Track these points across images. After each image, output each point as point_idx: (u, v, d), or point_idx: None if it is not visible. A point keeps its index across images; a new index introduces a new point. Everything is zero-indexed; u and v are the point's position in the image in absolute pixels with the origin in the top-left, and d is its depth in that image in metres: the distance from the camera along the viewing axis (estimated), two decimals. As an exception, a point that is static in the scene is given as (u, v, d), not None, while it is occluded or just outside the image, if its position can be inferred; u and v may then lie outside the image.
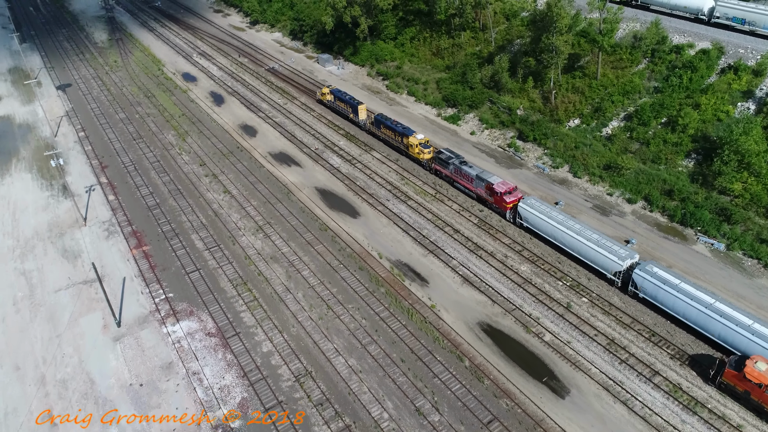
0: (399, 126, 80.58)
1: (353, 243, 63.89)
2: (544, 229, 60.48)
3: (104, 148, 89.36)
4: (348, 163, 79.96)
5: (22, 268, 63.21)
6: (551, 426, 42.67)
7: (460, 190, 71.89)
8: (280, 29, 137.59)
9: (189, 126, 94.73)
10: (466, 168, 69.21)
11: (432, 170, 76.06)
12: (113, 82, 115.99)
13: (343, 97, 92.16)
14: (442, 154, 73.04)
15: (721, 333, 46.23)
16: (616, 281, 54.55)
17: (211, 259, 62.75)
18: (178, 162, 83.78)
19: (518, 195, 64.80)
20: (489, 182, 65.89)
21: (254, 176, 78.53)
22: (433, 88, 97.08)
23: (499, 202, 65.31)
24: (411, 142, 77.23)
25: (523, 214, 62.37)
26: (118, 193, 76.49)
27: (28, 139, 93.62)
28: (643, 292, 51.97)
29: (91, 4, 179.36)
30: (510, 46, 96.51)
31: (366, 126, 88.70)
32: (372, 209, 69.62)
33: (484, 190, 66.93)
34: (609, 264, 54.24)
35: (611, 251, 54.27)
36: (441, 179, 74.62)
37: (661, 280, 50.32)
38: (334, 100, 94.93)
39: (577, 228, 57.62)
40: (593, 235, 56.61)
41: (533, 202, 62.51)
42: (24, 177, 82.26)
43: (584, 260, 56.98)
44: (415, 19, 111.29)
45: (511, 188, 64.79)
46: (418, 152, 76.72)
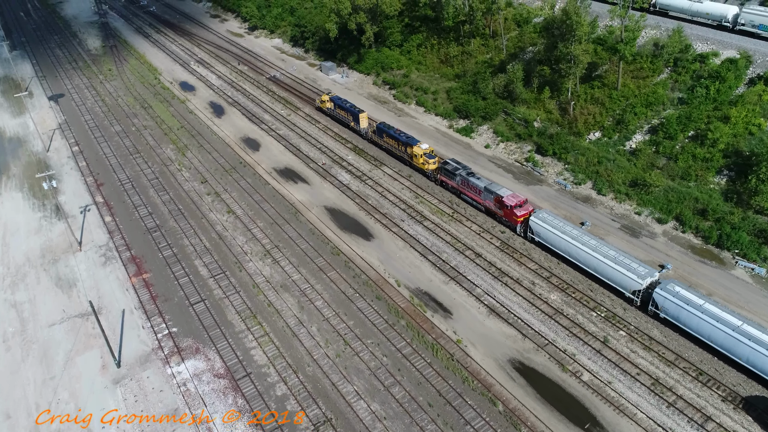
0: (402, 135, 77.36)
1: (368, 269, 59.89)
2: (558, 245, 57.40)
3: (99, 163, 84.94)
4: (358, 180, 75.94)
5: (13, 300, 58.82)
6: (598, 481, 38.90)
7: (467, 202, 68.94)
8: (280, 35, 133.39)
9: (188, 139, 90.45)
10: (474, 179, 66.38)
11: (437, 181, 72.94)
12: (108, 91, 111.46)
13: (343, 105, 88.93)
14: (449, 165, 69.92)
15: (750, 357, 43.55)
16: (635, 300, 51.65)
17: (216, 288, 58.56)
18: (178, 179, 79.49)
19: (529, 208, 61.98)
20: (498, 195, 62.94)
21: (259, 194, 74.38)
22: (443, 98, 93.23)
23: (509, 216, 62.35)
24: (415, 152, 74.02)
25: (535, 228, 59.35)
26: (115, 214, 72.16)
27: (18, 155, 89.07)
28: (664, 312, 49.35)
29: (83, 8, 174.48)
30: (522, 53, 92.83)
31: (368, 135, 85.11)
32: (386, 231, 65.65)
33: (493, 203, 64.07)
34: (627, 282, 51.52)
35: (630, 269, 51.51)
36: (447, 191, 71.50)
37: (684, 300, 47.85)
38: (333, 108, 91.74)
39: (593, 244, 54.81)
40: (610, 251, 53.83)
41: (545, 215, 59.48)
42: (14, 196, 77.76)
43: (601, 278, 54.09)
44: (422, 26, 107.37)
45: (521, 201, 61.89)
46: (422, 162, 73.57)
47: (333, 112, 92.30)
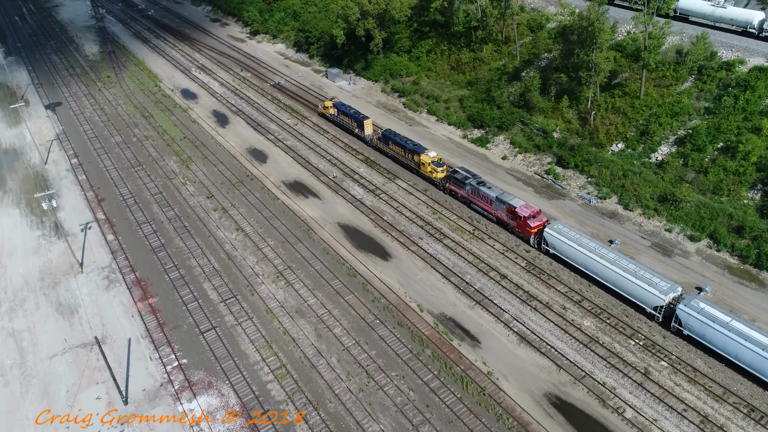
0: (409, 143, 74.98)
1: (388, 292, 56.68)
2: (574, 258, 55.43)
3: (100, 177, 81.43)
4: (371, 194, 72.71)
5: (11, 328, 55.34)
6: None
7: (477, 212, 66.95)
8: (283, 40, 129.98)
9: (192, 151, 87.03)
10: (485, 189, 64.43)
11: (445, 190, 70.95)
12: (107, 100, 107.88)
13: (347, 111, 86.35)
14: (458, 174, 67.78)
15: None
16: (656, 316, 49.71)
17: (227, 314, 55.24)
18: (183, 193, 76.07)
19: (543, 219, 60.14)
20: (511, 205, 60.92)
21: (269, 210, 71.06)
22: (456, 106, 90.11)
23: (522, 227, 60.42)
24: (423, 160, 71.73)
25: (550, 240, 57.48)
26: (117, 232, 68.71)
27: (15, 167, 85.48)
28: (688, 329, 47.40)
29: (79, 13, 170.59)
30: (537, 60, 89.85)
31: (373, 142, 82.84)
32: (404, 250, 62.45)
33: (505, 213, 62.15)
34: (649, 297, 49.53)
35: (651, 283, 49.55)
36: (456, 200, 69.52)
37: (709, 318, 45.79)
38: (337, 114, 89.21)
39: (611, 257, 52.77)
40: (629, 264, 51.80)
41: (561, 227, 57.56)
42: (11, 213, 74.21)
43: (620, 292, 52.07)
44: (431, 31, 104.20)
45: (535, 212, 60.07)
46: (430, 171, 71.39)
47: (336, 119, 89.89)
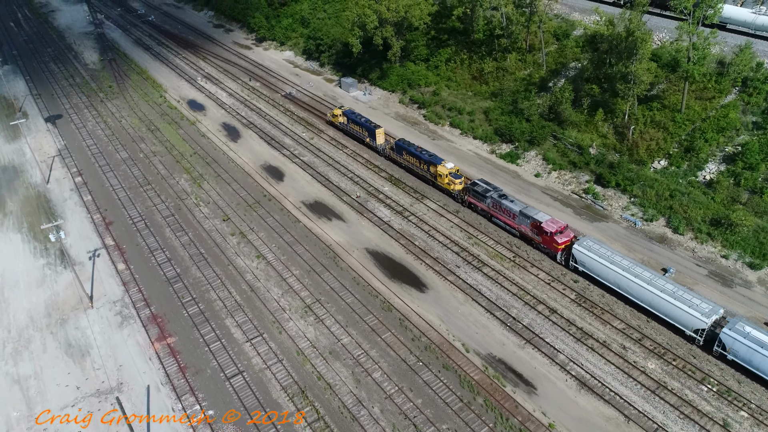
0: (425, 153, 72.23)
1: (428, 329, 52.11)
2: (606, 277, 53.05)
3: (106, 197, 76.48)
4: (399, 216, 68.13)
5: (16, 374, 50.42)
6: None
7: (498, 226, 64.47)
8: (292, 47, 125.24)
9: (203, 168, 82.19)
10: (507, 202, 61.94)
11: (464, 202, 68.55)
12: (110, 112, 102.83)
13: (358, 120, 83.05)
14: (478, 186, 65.33)
15: None
16: (697, 339, 47.40)
17: (254, 356, 50.51)
18: (197, 216, 71.26)
19: (570, 234, 58.01)
20: (536, 220, 58.49)
21: (290, 234, 66.38)
22: (481, 119, 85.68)
23: (548, 243, 58.09)
24: (440, 172, 69.27)
25: (580, 257, 55.09)
26: (128, 260, 63.84)
27: (14, 187, 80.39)
28: (733, 354, 44.95)
29: (77, 18, 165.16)
30: (564, 70, 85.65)
31: (385, 152, 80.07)
32: (441, 279, 57.92)
33: (530, 228, 59.78)
34: (689, 320, 47.21)
35: (691, 305, 47.19)
36: (476, 213, 67.10)
37: (757, 343, 43.40)
38: (347, 123, 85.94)
39: (647, 276, 50.38)
40: (667, 285, 49.36)
41: (591, 243, 55.23)
42: (12, 238, 69.19)
43: (656, 314, 49.72)
44: (450, 39, 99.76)
45: (562, 227, 57.74)
46: (447, 183, 69.02)
47: (346, 127, 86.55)
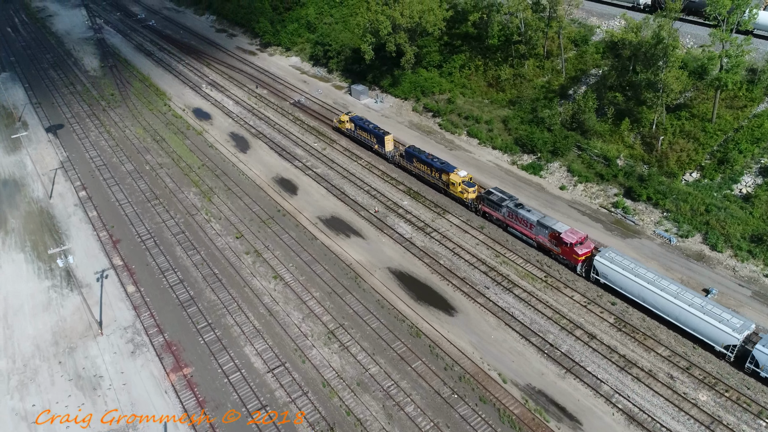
0: (436, 161, 70.82)
1: (460, 357, 49.14)
2: (630, 290, 51.47)
3: (113, 213, 73.26)
4: (421, 232, 65.18)
5: (23, 409, 47.21)
6: None
7: (514, 236, 62.97)
8: (298, 53, 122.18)
9: (213, 180, 79.04)
10: (524, 212, 60.49)
11: (478, 211, 67.17)
12: (113, 121, 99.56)
13: (366, 126, 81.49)
14: (493, 195, 63.93)
15: None
16: (727, 356, 45.94)
17: (278, 389, 47.42)
18: (208, 233, 68.13)
19: (590, 246, 56.51)
20: (555, 230, 57.04)
21: (307, 253, 63.33)
22: (500, 128, 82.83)
23: (567, 254, 56.72)
24: (453, 180, 67.87)
25: (602, 269, 53.57)
26: (138, 282, 60.67)
27: (16, 202, 77.08)
28: (767, 371, 43.62)
29: (76, 23, 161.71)
30: (584, 77, 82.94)
31: (395, 159, 78.69)
32: (470, 302, 54.98)
33: (548, 239, 58.32)
34: (719, 336, 45.68)
35: (721, 320, 45.73)
36: (491, 222, 65.55)
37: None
38: (354, 129, 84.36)
39: (674, 290, 48.89)
40: (695, 298, 47.90)
41: (613, 255, 53.67)
42: (15, 258, 65.92)
43: (684, 329, 48.09)
44: (463, 44, 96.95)
45: (582, 238, 56.15)
46: (461, 191, 67.63)
47: (353, 134, 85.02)
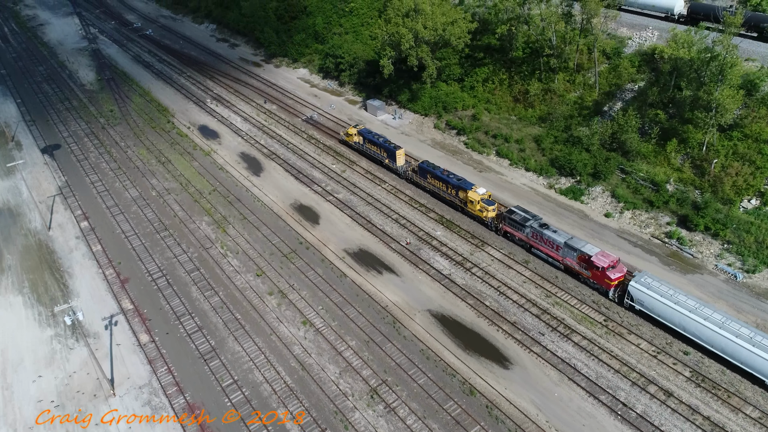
0: (452, 177, 68.15)
1: (524, 420, 43.64)
2: (670, 318, 48.75)
3: (119, 247, 67.15)
4: (460, 268, 59.70)
5: (28, 492, 41.21)
6: None
7: (539, 258, 59.94)
8: (306, 65, 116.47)
9: (226, 208, 73.12)
10: (550, 233, 57.62)
11: (498, 231, 64.35)
12: (113, 140, 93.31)
13: (375, 140, 78.50)
14: (516, 214, 61.22)
15: None
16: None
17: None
18: (226, 269, 62.25)
19: (623, 270, 53.25)
20: (584, 253, 54.29)
21: (337, 293, 57.65)
22: (532, 148, 77.60)
23: (599, 278, 53.72)
24: (471, 198, 65.13)
25: (638, 296, 50.67)
26: (151, 330, 54.69)
27: (11, 235, 70.72)
28: None
29: (68, 33, 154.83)
30: (619, 92, 77.99)
31: (407, 174, 75.64)
32: (525, 352, 49.53)
33: (577, 262, 55.48)
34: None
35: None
36: (513, 243, 62.58)
37: None
38: (363, 143, 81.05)
39: (718, 319, 46.09)
40: (742, 329, 45.10)
41: (650, 281, 50.68)
42: (13, 302, 59.66)
43: (731, 361, 45.33)
44: (486, 57, 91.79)
45: (614, 261, 53.10)
46: (479, 209, 65.02)
47: (362, 148, 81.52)
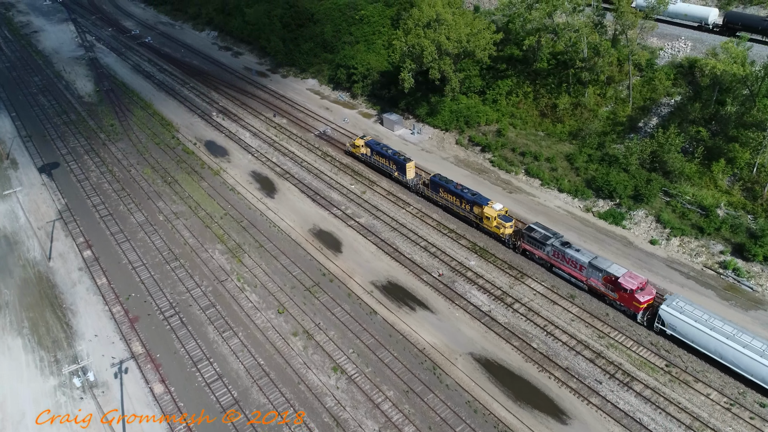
0: (467, 192, 65.57)
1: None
2: (705, 345, 46.28)
3: (126, 280, 61.99)
4: (500, 303, 54.99)
5: None
6: None
7: (561, 278, 57.23)
8: (315, 75, 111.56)
9: (240, 234, 68.11)
10: (572, 251, 55.02)
11: (516, 249, 61.72)
12: (115, 158, 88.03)
13: (383, 152, 75.63)
14: (536, 232, 58.65)
15: None
16: None
17: None
18: (244, 306, 57.26)
19: (653, 292, 51.06)
20: (610, 273, 51.81)
21: (368, 333, 52.77)
22: (565, 167, 73.04)
23: (626, 301, 51.17)
24: (487, 214, 62.55)
25: (669, 320, 48.16)
26: (166, 378, 49.59)
27: (9, 267, 65.40)
28: None
29: (64, 40, 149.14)
30: (654, 107, 73.67)
31: (418, 188, 73.06)
32: (583, 403, 44.86)
33: (602, 283, 52.88)
34: None
35: None
36: (533, 261, 59.84)
37: None
38: (370, 155, 78.12)
39: (758, 347, 43.87)
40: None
41: (682, 304, 48.26)
42: (12, 345, 54.38)
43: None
44: (509, 69, 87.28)
45: (642, 283, 50.63)
46: (496, 226, 62.36)
47: (369, 160, 78.70)
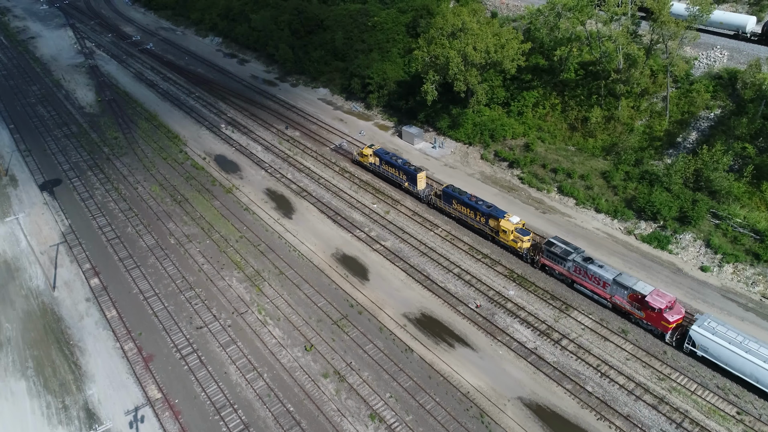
0: (482, 204, 63.51)
1: None
2: (739, 368, 44.05)
3: (138, 312, 57.49)
4: (547, 340, 50.78)
5: None
6: None
7: (583, 295, 54.99)
8: (326, 84, 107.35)
9: (258, 260, 63.72)
10: (595, 268, 52.84)
11: (535, 264, 59.41)
12: (120, 175, 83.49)
13: (393, 162, 73.63)
14: (556, 247, 56.46)
15: None
16: None
17: None
18: (267, 342, 52.85)
19: (681, 311, 48.83)
20: (636, 291, 49.82)
21: (405, 374, 48.45)
22: (601, 185, 68.93)
23: (654, 321, 48.94)
24: (504, 227, 60.55)
25: (701, 341, 46.23)
26: (187, 429, 45.09)
27: (10, 298, 60.79)
28: None
29: (62, 47, 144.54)
30: (693, 120, 69.75)
31: (429, 199, 71.04)
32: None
33: (628, 301, 50.82)
34: None
35: None
36: (553, 277, 57.50)
37: None
38: (379, 164, 76.32)
39: None
40: None
41: (715, 325, 46.42)
42: (15, 389, 49.80)
43: None
44: (534, 79, 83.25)
45: (671, 302, 48.43)
46: (513, 239, 60.24)
47: (378, 169, 76.97)
